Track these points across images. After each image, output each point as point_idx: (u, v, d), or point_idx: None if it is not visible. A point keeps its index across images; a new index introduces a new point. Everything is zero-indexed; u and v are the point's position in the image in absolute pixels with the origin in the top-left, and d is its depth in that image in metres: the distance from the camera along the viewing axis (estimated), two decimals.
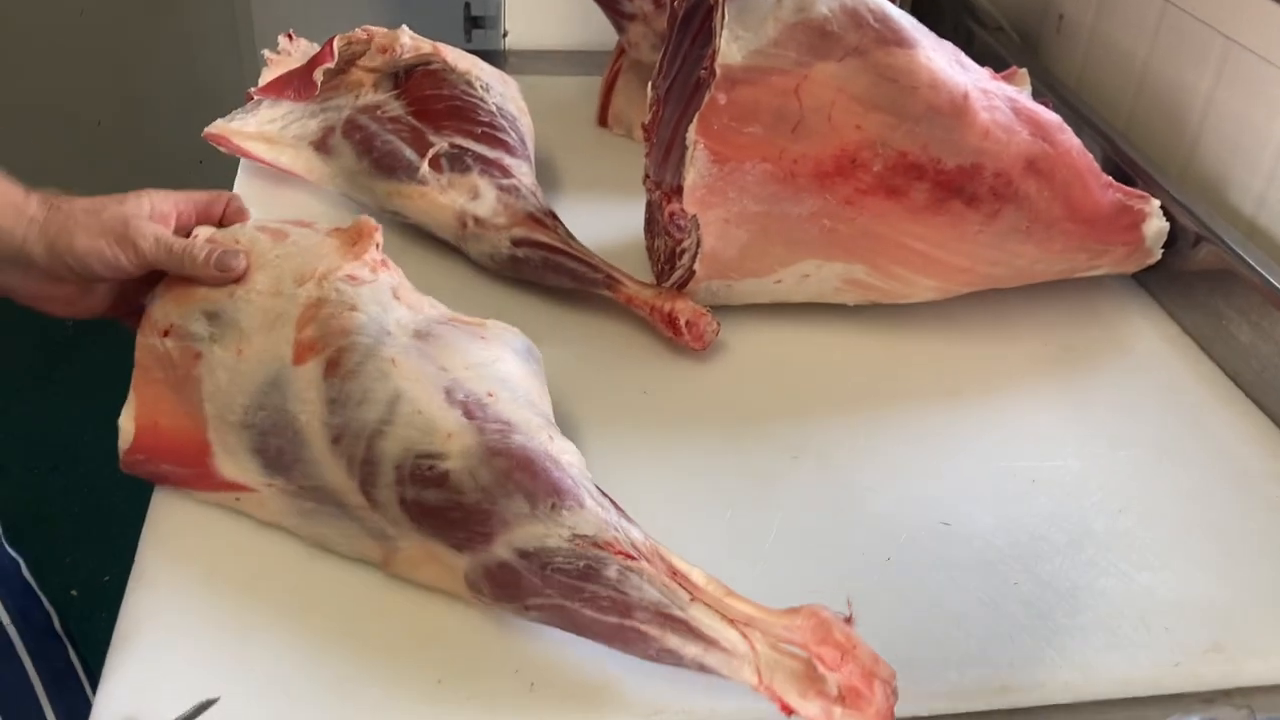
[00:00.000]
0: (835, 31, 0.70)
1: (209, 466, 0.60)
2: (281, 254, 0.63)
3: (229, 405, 0.59)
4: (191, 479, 0.61)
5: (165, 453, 0.61)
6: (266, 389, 0.59)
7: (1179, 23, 0.92)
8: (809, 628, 0.51)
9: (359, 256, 0.62)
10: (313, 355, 0.58)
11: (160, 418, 0.61)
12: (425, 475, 0.55)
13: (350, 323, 0.59)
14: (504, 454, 0.55)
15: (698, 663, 0.51)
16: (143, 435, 0.61)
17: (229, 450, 0.60)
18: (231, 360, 0.60)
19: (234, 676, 0.53)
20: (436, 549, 0.56)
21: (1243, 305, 0.78)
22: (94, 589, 1.61)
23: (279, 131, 0.90)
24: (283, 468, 0.58)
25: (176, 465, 0.61)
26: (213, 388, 0.60)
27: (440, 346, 0.60)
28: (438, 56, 0.90)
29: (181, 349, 0.61)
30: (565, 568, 0.53)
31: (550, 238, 0.79)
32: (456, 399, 0.57)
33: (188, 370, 0.60)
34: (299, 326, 0.59)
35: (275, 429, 0.58)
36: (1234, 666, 0.58)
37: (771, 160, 0.72)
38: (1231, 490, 0.69)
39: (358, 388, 0.57)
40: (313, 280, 0.61)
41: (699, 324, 0.75)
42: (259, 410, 0.59)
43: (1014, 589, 0.61)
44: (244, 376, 0.59)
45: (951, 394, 0.76)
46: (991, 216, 0.76)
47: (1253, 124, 0.84)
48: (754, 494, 0.66)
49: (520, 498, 0.54)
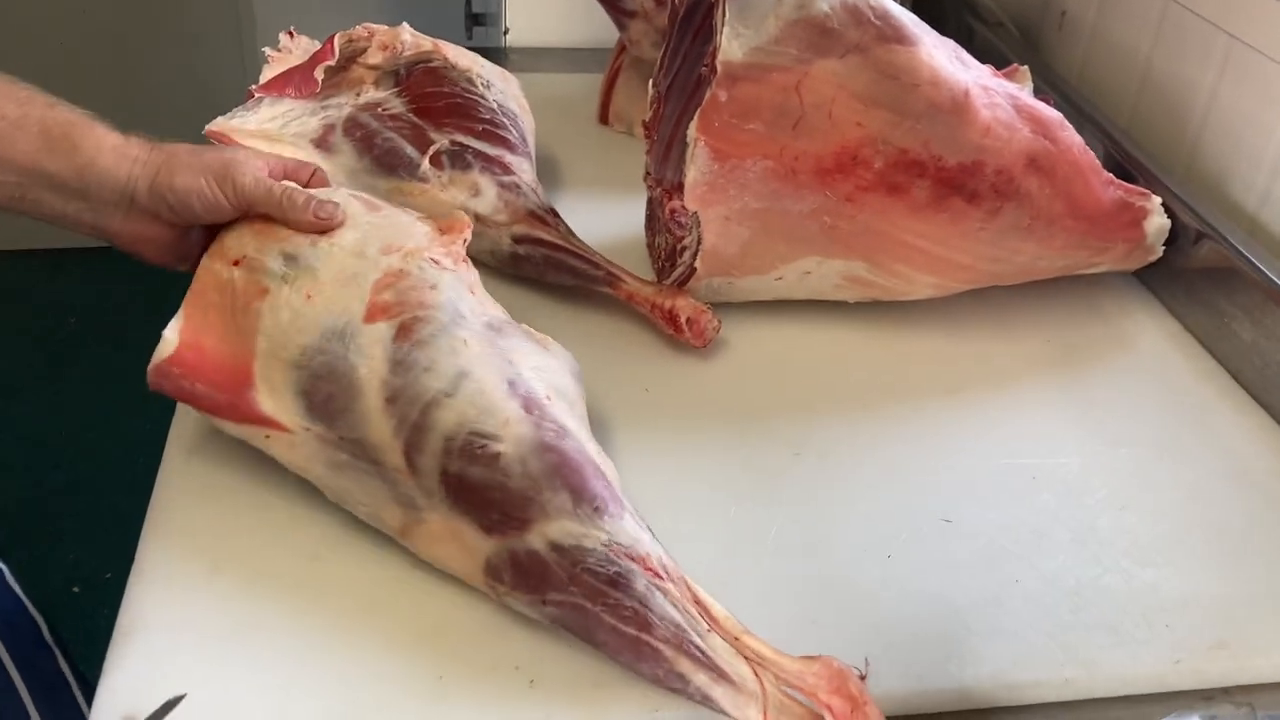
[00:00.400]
0: (836, 28, 0.70)
1: (246, 398, 0.60)
2: (373, 221, 0.65)
3: (285, 343, 0.60)
4: (223, 406, 0.61)
5: (203, 373, 0.61)
6: (330, 336, 0.59)
7: (1181, 19, 0.92)
8: (823, 677, 0.51)
9: (448, 246, 0.64)
10: (385, 317, 0.59)
11: (206, 338, 0.61)
12: (475, 452, 0.56)
13: (430, 298, 0.60)
14: (556, 451, 0.56)
15: (702, 693, 0.52)
16: (185, 350, 0.61)
17: (273, 387, 0.60)
18: (299, 302, 0.60)
19: (235, 673, 0.53)
20: (462, 528, 0.56)
21: (1244, 302, 0.77)
22: (96, 586, 1.61)
23: (280, 129, 0.90)
24: (328, 415, 0.59)
25: (212, 389, 0.60)
26: (272, 324, 0.60)
27: (509, 342, 0.61)
28: (439, 54, 0.90)
29: (249, 281, 0.62)
30: (595, 570, 0.53)
31: (551, 235, 0.79)
32: (518, 392, 0.58)
33: (249, 302, 0.61)
34: (376, 290, 0.60)
35: (330, 375, 0.59)
36: (1236, 664, 0.58)
37: (772, 157, 0.72)
38: (1233, 488, 0.69)
39: (425, 356, 0.58)
40: (399, 253, 0.62)
41: (700, 321, 0.75)
42: (318, 354, 0.59)
43: (1016, 586, 0.61)
44: (308, 320, 0.60)
45: (953, 391, 0.76)
46: (993, 214, 0.75)
47: (1255, 121, 0.84)
48: (755, 491, 0.66)
49: (565, 494, 0.55)
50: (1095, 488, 0.68)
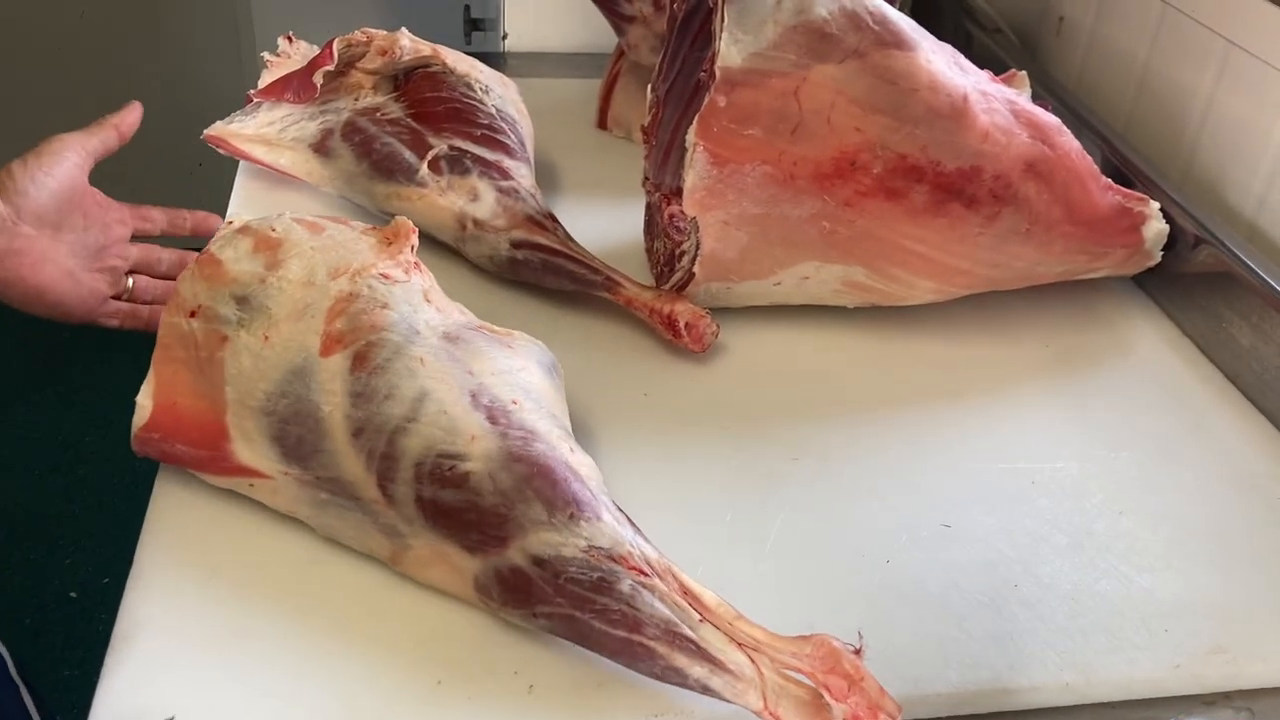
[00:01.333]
0: (834, 34, 0.70)
1: (225, 450, 0.60)
2: (317, 246, 0.63)
3: (251, 391, 0.59)
4: (205, 461, 0.60)
5: (181, 433, 0.60)
6: (290, 377, 0.58)
7: (1179, 25, 0.92)
8: (818, 656, 0.51)
9: (394, 256, 0.63)
10: (340, 348, 0.58)
11: (179, 397, 0.61)
12: (445, 475, 0.55)
13: (381, 319, 0.59)
14: (525, 460, 0.55)
15: (702, 684, 0.51)
16: (160, 414, 0.61)
17: (247, 436, 0.59)
18: (257, 346, 0.59)
19: (233, 678, 0.53)
20: (447, 550, 0.56)
21: (1243, 307, 0.78)
22: (94, 591, 1.61)
23: (278, 134, 0.90)
24: (301, 457, 0.58)
25: (191, 447, 0.60)
26: (236, 372, 0.59)
27: (468, 351, 0.60)
28: (437, 59, 0.90)
29: (207, 331, 0.61)
30: (578, 578, 0.53)
31: (550, 240, 0.79)
32: (482, 403, 0.57)
33: (211, 352, 0.60)
34: (329, 319, 0.59)
35: (296, 418, 0.58)
36: (1235, 669, 0.58)
37: (771, 162, 0.72)
38: (1232, 492, 0.69)
39: (384, 383, 0.57)
40: (346, 275, 0.61)
41: (698, 326, 0.75)
42: (281, 398, 0.58)
43: (1014, 591, 0.61)
44: (268, 363, 0.59)
45: (951, 396, 0.76)
46: (991, 219, 0.76)
47: (1253, 126, 0.84)
48: (754, 496, 0.66)
49: (538, 504, 0.54)
50: (1093, 492, 0.68)
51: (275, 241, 0.63)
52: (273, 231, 0.63)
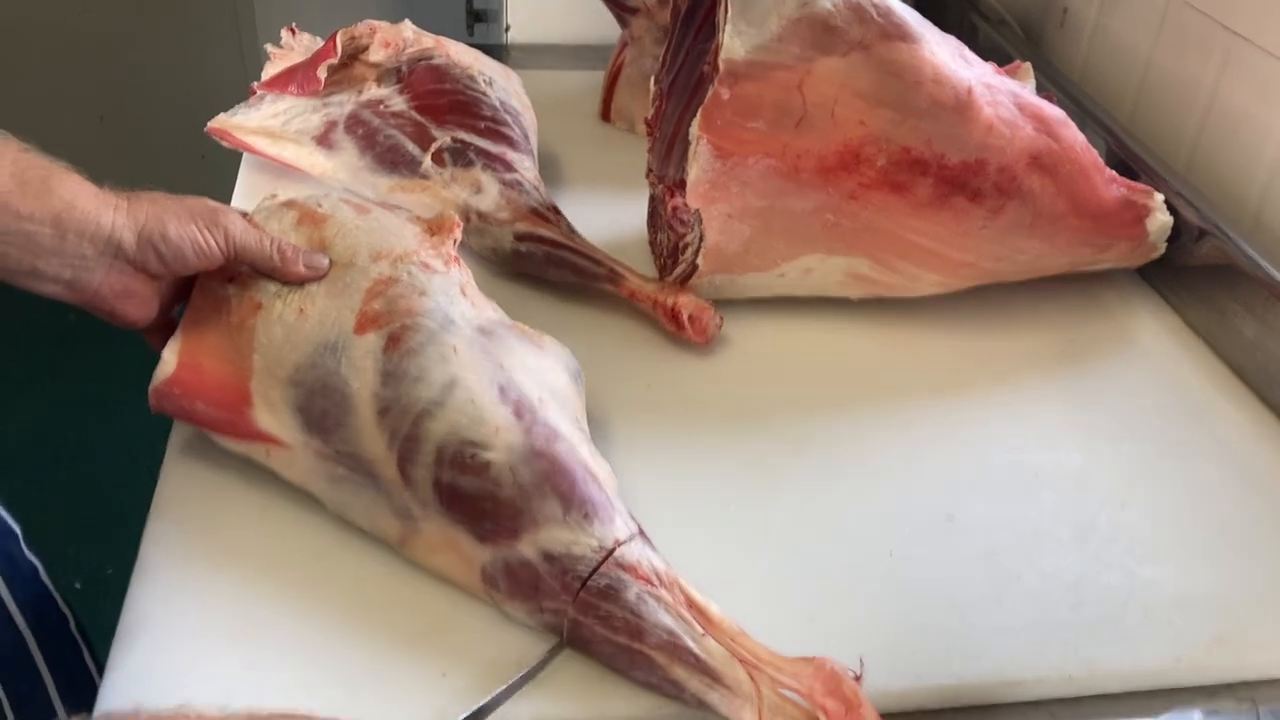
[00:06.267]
0: (839, 26, 0.70)
1: (245, 415, 0.60)
2: (362, 226, 0.64)
3: (280, 360, 0.60)
4: (224, 424, 0.61)
5: (203, 392, 0.61)
6: (322, 350, 0.59)
7: (1183, 17, 0.92)
8: (818, 678, 0.51)
9: (437, 247, 0.64)
10: (375, 328, 0.59)
11: (204, 358, 0.61)
12: (466, 462, 0.56)
13: (418, 305, 0.60)
14: (546, 457, 0.56)
15: (698, 698, 0.52)
16: (184, 371, 0.61)
17: (270, 404, 0.60)
18: (292, 317, 0.60)
19: (237, 670, 0.53)
20: (458, 537, 0.56)
21: (1247, 299, 0.77)
22: (98, 582, 1.61)
23: (281, 126, 0.90)
24: (323, 429, 0.59)
25: (211, 407, 0.60)
26: (266, 340, 0.60)
27: (500, 346, 0.61)
28: (440, 51, 0.90)
29: (243, 298, 0.62)
30: (586, 580, 0.53)
31: (553, 232, 0.79)
32: (509, 397, 0.58)
33: (244, 319, 0.61)
34: (367, 299, 0.60)
35: (324, 390, 0.59)
36: (1237, 660, 0.58)
37: (775, 155, 0.72)
38: (1235, 484, 0.69)
39: (415, 366, 0.58)
40: (388, 259, 0.62)
41: (702, 318, 0.75)
42: (311, 369, 0.59)
43: (1017, 582, 0.61)
44: (301, 335, 0.60)
45: (955, 388, 0.76)
46: (995, 211, 0.75)
47: (1257, 118, 0.84)
48: (757, 487, 0.66)
49: (555, 501, 0.55)
50: (1097, 484, 0.68)
51: (321, 218, 0.64)
52: (319, 207, 0.65)
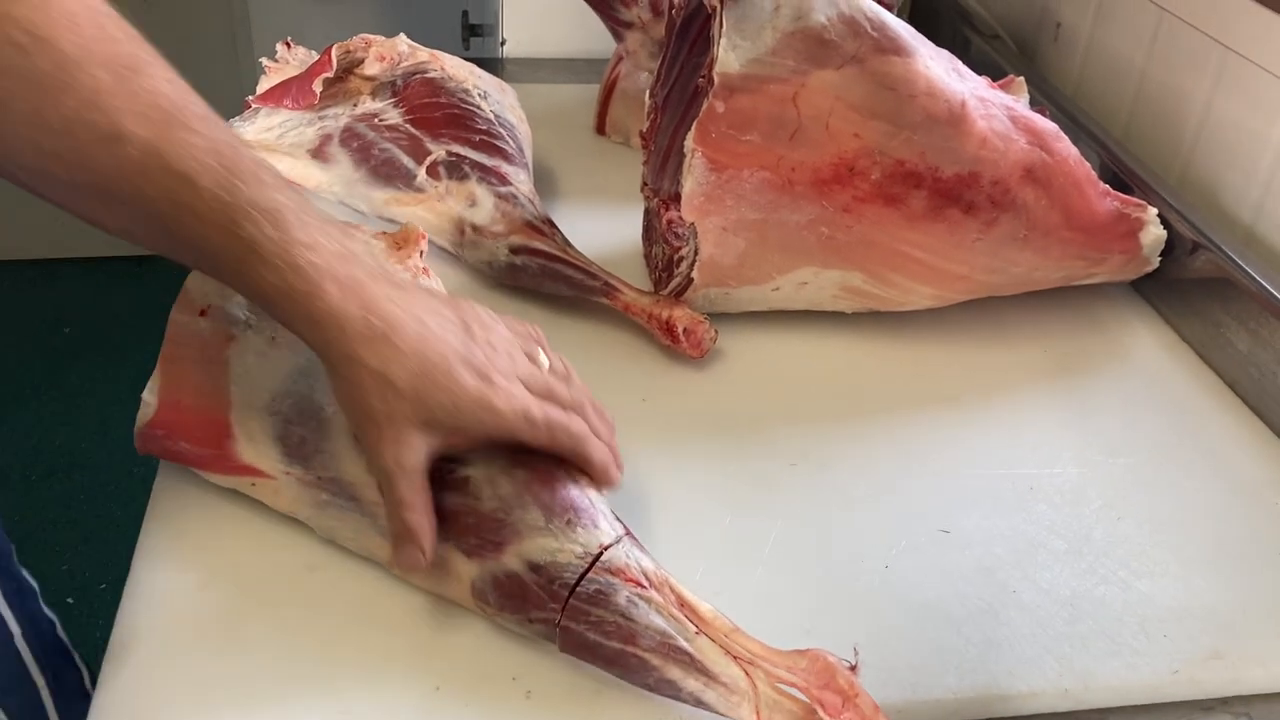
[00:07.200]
0: (833, 40, 0.70)
1: (228, 449, 0.60)
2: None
3: (256, 390, 0.59)
4: (208, 460, 0.60)
5: (185, 431, 0.60)
6: (296, 377, 0.59)
7: (1176, 31, 0.92)
8: (813, 671, 0.51)
9: (404, 261, 0.63)
10: None
11: (184, 396, 0.61)
12: (445, 478, 0.56)
13: None
14: (524, 466, 0.56)
15: (695, 697, 0.51)
16: (165, 411, 0.60)
17: (250, 435, 0.59)
18: (264, 346, 0.60)
19: (230, 685, 0.53)
20: (445, 554, 0.56)
21: (1240, 313, 0.78)
22: (91, 597, 1.60)
23: (276, 140, 0.90)
24: (303, 457, 0.58)
25: (195, 445, 0.60)
26: (241, 371, 0.60)
27: None
28: (436, 65, 0.90)
29: (215, 330, 0.61)
30: (575, 587, 0.53)
31: (548, 245, 0.79)
32: None
33: (218, 352, 0.61)
34: None
35: (300, 418, 0.58)
36: (1233, 674, 0.58)
37: (769, 168, 0.72)
38: (1230, 497, 0.69)
39: None
40: None
41: (697, 331, 0.75)
42: (286, 398, 0.59)
43: (1013, 596, 0.61)
44: (274, 364, 0.60)
45: (949, 401, 0.76)
46: (989, 224, 0.76)
47: (1250, 131, 0.84)
48: (752, 501, 0.66)
49: (536, 510, 0.54)
50: (1092, 498, 0.68)
51: None
52: None
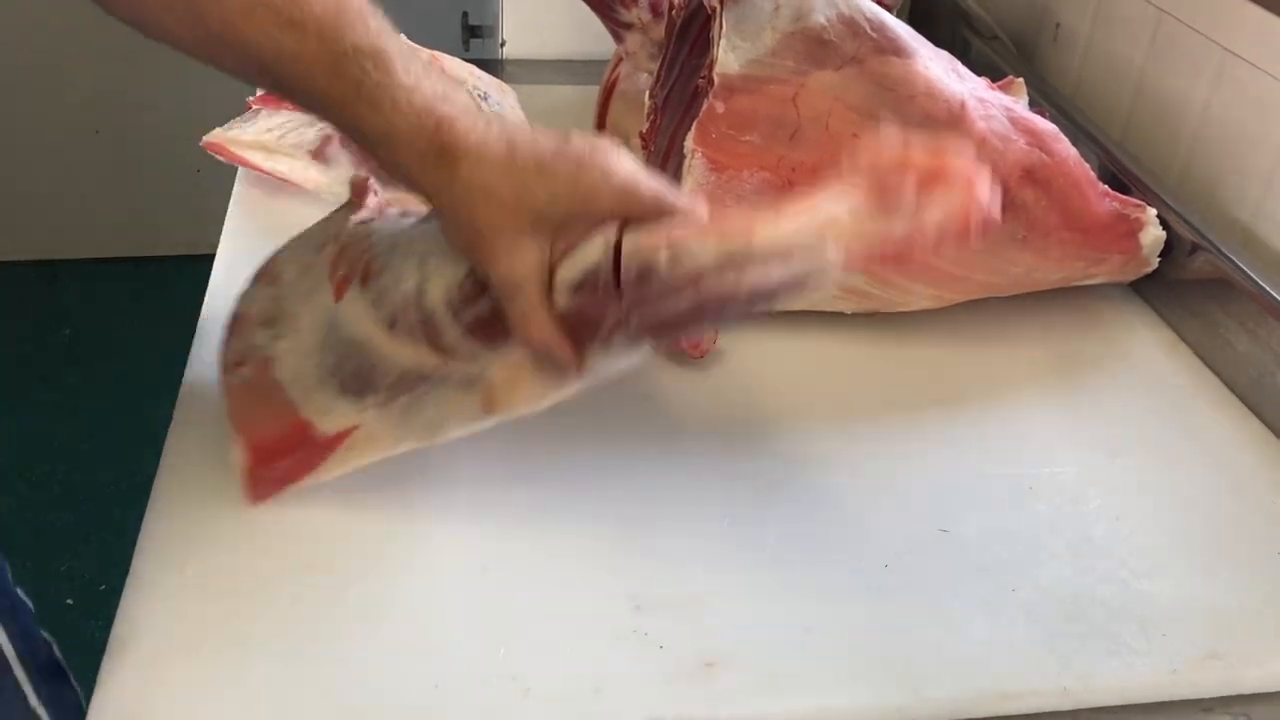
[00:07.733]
0: (833, 40, 0.70)
1: (314, 436, 0.61)
2: (298, 240, 0.69)
3: (305, 373, 0.63)
4: (308, 458, 0.62)
5: (278, 455, 0.62)
6: (325, 335, 0.62)
7: (1175, 32, 0.92)
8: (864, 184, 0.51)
9: (364, 207, 0.67)
10: (347, 284, 0.62)
11: (260, 434, 0.63)
12: (469, 292, 0.58)
13: (368, 242, 0.63)
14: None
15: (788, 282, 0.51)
16: (253, 457, 0.62)
17: (322, 409, 0.62)
18: (292, 340, 0.64)
19: (230, 685, 0.53)
20: (515, 357, 0.58)
21: (1239, 313, 0.78)
22: (90, 598, 1.60)
23: (277, 140, 0.90)
24: (367, 384, 0.61)
25: (291, 456, 0.62)
26: (289, 375, 0.63)
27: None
28: (435, 65, 0.90)
29: (256, 365, 0.65)
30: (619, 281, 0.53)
31: None
32: None
33: (267, 378, 0.64)
34: (331, 274, 0.63)
35: (346, 358, 0.61)
36: (1232, 674, 0.58)
37: (769, 169, 0.72)
38: (1229, 497, 0.69)
39: (390, 276, 0.60)
40: (332, 241, 0.65)
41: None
42: (328, 353, 0.62)
43: (1012, 596, 0.61)
44: (305, 342, 0.63)
45: (949, 402, 0.76)
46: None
47: (1249, 133, 0.85)
48: (752, 501, 0.66)
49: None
50: (1091, 497, 0.68)
51: (269, 264, 0.68)
52: (266, 261, 0.69)
